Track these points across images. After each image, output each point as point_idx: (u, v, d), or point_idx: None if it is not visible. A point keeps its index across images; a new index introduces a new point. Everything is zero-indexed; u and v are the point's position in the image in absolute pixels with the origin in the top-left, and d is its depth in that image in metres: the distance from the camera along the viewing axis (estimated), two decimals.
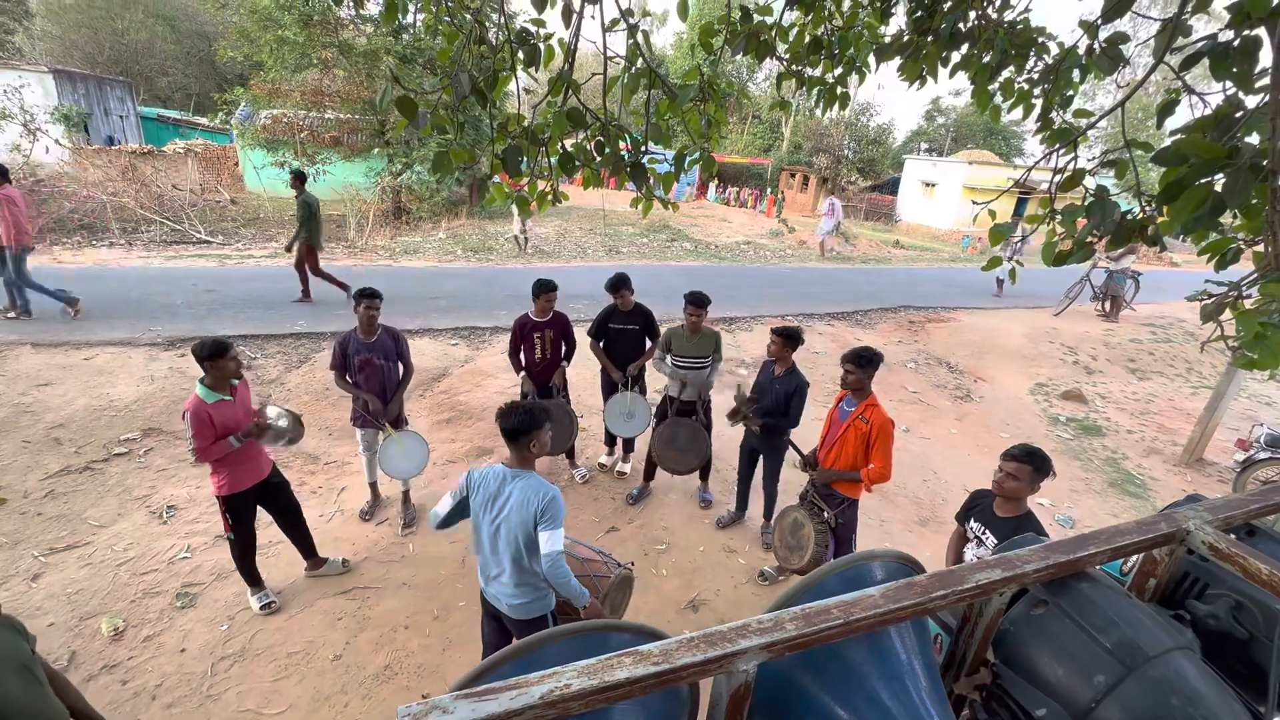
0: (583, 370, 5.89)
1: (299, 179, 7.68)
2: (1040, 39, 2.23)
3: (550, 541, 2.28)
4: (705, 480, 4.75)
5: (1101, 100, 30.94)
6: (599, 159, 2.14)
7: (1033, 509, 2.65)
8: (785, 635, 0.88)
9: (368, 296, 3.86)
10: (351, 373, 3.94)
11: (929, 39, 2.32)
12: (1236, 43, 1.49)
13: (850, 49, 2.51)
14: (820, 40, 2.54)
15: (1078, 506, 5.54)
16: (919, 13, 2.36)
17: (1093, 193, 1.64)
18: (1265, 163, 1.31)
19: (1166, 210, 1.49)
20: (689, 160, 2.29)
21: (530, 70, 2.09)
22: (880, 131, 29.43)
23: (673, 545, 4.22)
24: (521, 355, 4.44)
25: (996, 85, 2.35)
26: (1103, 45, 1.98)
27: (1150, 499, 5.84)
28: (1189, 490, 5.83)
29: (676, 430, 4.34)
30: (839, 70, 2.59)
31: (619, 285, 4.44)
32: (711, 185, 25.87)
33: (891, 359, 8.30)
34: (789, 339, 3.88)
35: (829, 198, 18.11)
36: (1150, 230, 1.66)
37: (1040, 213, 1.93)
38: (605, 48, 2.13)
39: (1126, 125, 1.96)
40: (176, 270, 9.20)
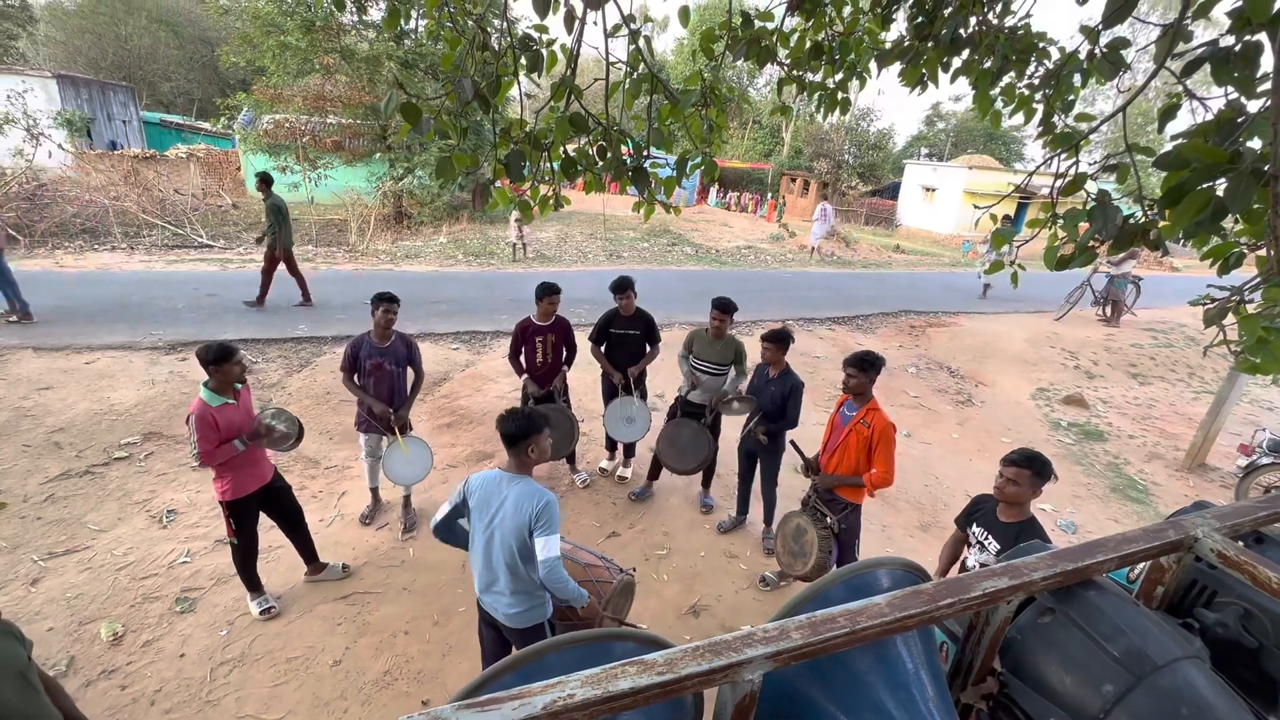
0: (583, 375, 5.88)
1: (265, 181, 7.64)
2: (1041, 44, 2.23)
3: (546, 547, 2.26)
4: (707, 485, 4.74)
5: (1102, 105, 31.08)
6: (601, 164, 2.15)
7: (1035, 514, 2.65)
8: (791, 644, 0.87)
9: (386, 300, 3.83)
10: (360, 376, 3.91)
11: (930, 44, 2.32)
12: (1238, 48, 1.49)
13: (851, 54, 2.52)
14: (821, 46, 2.54)
15: (1080, 512, 5.52)
16: (920, 18, 2.36)
17: (1094, 197, 1.64)
18: (1267, 167, 1.31)
19: (1168, 215, 1.49)
20: (691, 165, 2.30)
21: (533, 76, 2.10)
22: (881, 136, 29.47)
23: (674, 550, 4.21)
24: (523, 359, 4.44)
25: (997, 90, 2.35)
26: (1104, 50, 1.99)
27: (1153, 504, 5.81)
28: (1191, 495, 5.83)
29: (679, 430, 4.35)
30: (840, 75, 2.60)
31: (624, 287, 4.44)
32: (712, 190, 25.94)
33: (892, 364, 8.29)
34: (780, 342, 3.90)
35: (821, 203, 18.25)
36: (1152, 235, 1.65)
37: (1042, 217, 1.93)
38: (607, 53, 2.14)
39: (1128, 130, 1.96)
40: (178, 274, 9.22)
